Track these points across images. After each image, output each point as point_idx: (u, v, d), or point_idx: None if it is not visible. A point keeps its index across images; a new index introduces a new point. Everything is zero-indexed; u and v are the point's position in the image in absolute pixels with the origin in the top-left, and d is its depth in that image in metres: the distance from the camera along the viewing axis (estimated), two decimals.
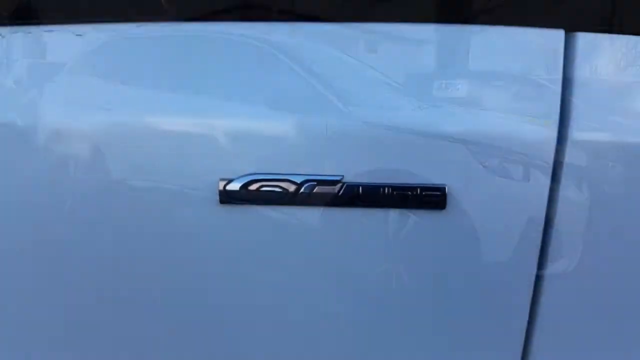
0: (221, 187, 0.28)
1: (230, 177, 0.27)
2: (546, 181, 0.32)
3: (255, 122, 0.30)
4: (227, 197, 0.28)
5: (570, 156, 0.31)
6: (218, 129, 0.29)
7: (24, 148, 0.38)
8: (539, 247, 0.35)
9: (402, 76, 0.33)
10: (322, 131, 0.31)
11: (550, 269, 0.35)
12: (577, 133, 0.30)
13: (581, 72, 0.31)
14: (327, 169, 0.30)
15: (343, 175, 0.30)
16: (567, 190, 0.33)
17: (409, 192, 0.30)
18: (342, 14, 0.35)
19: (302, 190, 0.30)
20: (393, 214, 0.32)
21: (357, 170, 0.31)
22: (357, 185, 0.30)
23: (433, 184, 0.30)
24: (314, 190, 0.30)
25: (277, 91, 0.33)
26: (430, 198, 0.30)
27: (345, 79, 0.34)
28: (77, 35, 0.35)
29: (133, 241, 0.33)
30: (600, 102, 0.32)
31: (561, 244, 0.34)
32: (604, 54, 0.32)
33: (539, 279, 0.35)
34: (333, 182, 0.30)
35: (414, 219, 0.32)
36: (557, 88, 0.31)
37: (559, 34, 0.31)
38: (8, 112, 0.39)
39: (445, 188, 0.30)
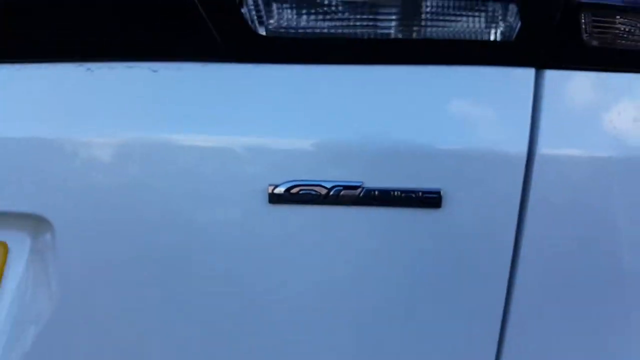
0: (270, 191, 0.34)
1: (277, 183, 0.34)
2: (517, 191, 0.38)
3: (292, 140, 0.36)
4: (274, 199, 0.34)
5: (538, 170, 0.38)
6: (265, 145, 0.36)
7: None
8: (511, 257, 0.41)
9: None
10: (344, 146, 0.37)
11: (522, 275, 0.40)
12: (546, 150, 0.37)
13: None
14: (349, 176, 0.36)
15: (363, 182, 0.36)
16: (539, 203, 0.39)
17: (412, 194, 0.36)
18: None
19: (331, 192, 0.36)
20: (395, 212, 0.39)
21: (374, 177, 0.37)
22: (374, 189, 0.36)
23: (430, 188, 0.36)
24: (341, 193, 0.36)
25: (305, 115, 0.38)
26: (427, 199, 0.36)
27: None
28: None
29: (206, 238, 0.38)
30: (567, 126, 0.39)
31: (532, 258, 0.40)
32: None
33: (510, 282, 0.41)
34: (355, 187, 0.36)
35: (411, 216, 0.38)
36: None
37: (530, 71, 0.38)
38: None
39: (440, 191, 0.37)
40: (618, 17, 0.38)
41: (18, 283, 0.46)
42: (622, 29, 0.38)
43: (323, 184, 0.35)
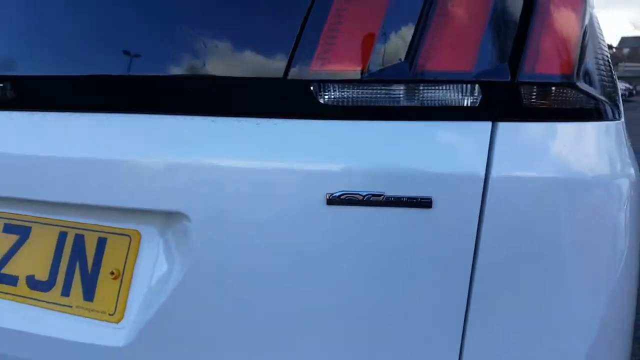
0: (327, 197, 0.52)
1: (333, 192, 0.52)
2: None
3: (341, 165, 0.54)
4: (330, 202, 0.52)
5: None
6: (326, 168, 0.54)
7: None
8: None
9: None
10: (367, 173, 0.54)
11: (480, 276, 0.55)
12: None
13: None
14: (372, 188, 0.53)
15: (384, 191, 0.54)
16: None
17: (403, 199, 0.54)
18: None
19: (364, 198, 0.54)
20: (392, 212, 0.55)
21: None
22: (391, 197, 0.54)
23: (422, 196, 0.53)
24: (370, 198, 0.54)
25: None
26: (420, 202, 0.53)
27: None
28: None
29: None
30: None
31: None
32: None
33: (472, 280, 0.55)
34: (379, 195, 0.54)
35: (401, 215, 0.54)
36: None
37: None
38: None
39: (431, 198, 0.54)
40: (552, 88, 0.58)
41: (153, 263, 0.66)
42: (550, 95, 0.58)
43: (360, 192, 0.54)
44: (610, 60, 0.70)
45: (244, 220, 0.58)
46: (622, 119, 0.70)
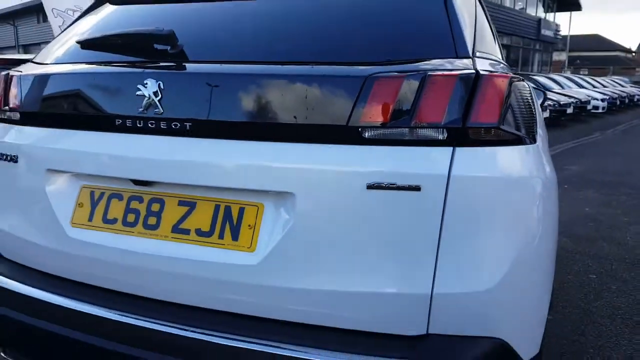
0: (367, 185, 1.03)
1: (370, 182, 1.03)
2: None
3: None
4: (369, 187, 1.03)
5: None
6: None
7: None
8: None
9: None
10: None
11: (446, 224, 0.99)
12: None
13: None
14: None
15: (396, 182, 1.05)
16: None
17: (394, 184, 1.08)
18: None
19: (386, 185, 1.07)
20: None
21: None
22: (401, 185, 1.05)
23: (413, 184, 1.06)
24: (389, 185, 1.07)
25: None
26: (410, 187, 1.06)
27: None
28: None
29: None
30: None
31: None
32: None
33: (441, 226, 0.98)
34: (393, 184, 1.06)
35: (405, 194, 1.02)
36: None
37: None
38: None
39: (420, 185, 1.05)
40: (485, 129, 1.10)
41: (276, 237, 1.11)
42: (484, 133, 1.10)
43: (383, 182, 1.06)
44: (532, 106, 1.21)
45: (324, 196, 1.11)
46: (538, 142, 1.21)
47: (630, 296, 3.09)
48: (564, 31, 34.73)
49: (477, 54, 1.15)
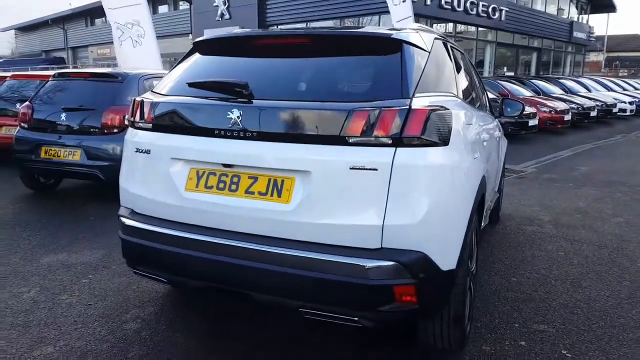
0: (350, 167, 2.03)
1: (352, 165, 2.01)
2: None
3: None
4: (352, 169, 1.98)
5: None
6: None
7: None
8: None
9: None
10: None
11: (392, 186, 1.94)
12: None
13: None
14: None
15: (365, 166, 1.98)
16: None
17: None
18: None
19: (358, 169, 2.02)
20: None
21: None
22: (364, 167, 2.06)
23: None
24: (357, 170, 2.01)
25: None
26: (371, 170, 2.08)
27: None
28: None
29: None
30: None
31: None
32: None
33: (389, 186, 1.93)
34: (362, 166, 2.04)
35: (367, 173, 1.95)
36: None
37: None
38: None
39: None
40: (413, 137, 2.05)
41: (301, 195, 2.05)
42: (413, 140, 2.05)
43: (356, 166, 2.04)
44: (449, 123, 2.16)
45: (327, 173, 2.01)
46: (450, 145, 2.14)
47: (586, 268, 3.90)
48: (599, 32, 34.27)
49: (417, 95, 2.09)
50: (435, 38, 2.57)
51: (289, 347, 2.55)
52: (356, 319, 1.96)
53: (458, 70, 2.91)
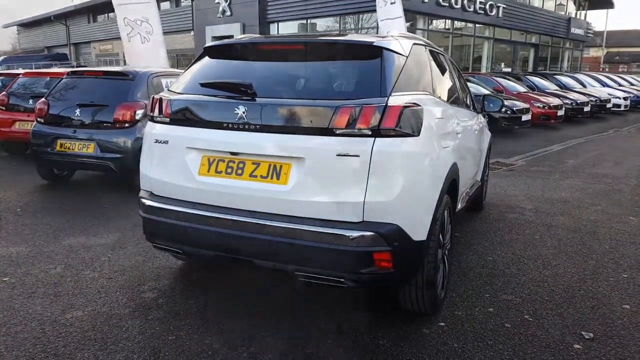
0: (336, 154, 2.36)
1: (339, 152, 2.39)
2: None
3: None
4: (339, 155, 2.39)
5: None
6: None
7: None
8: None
9: None
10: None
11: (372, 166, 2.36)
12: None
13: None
14: None
15: (348, 152, 2.40)
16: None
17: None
18: None
19: (344, 155, 2.39)
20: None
21: None
22: (350, 154, 2.47)
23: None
24: (344, 155, 2.40)
25: None
26: (354, 156, 2.46)
27: None
28: None
29: None
30: None
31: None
32: None
33: (370, 165, 2.24)
34: (349, 154, 2.40)
35: (352, 159, 2.39)
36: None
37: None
38: None
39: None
40: (390, 129, 2.47)
41: (297, 178, 2.47)
42: (390, 131, 2.45)
43: (341, 153, 2.44)
44: (421, 117, 2.57)
45: (318, 159, 2.38)
46: (422, 135, 2.55)
47: (557, 249, 4.28)
48: (598, 28, 34.46)
49: (393, 93, 2.48)
50: (414, 44, 2.96)
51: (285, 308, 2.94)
52: (342, 280, 2.35)
53: (437, 71, 3.31)
